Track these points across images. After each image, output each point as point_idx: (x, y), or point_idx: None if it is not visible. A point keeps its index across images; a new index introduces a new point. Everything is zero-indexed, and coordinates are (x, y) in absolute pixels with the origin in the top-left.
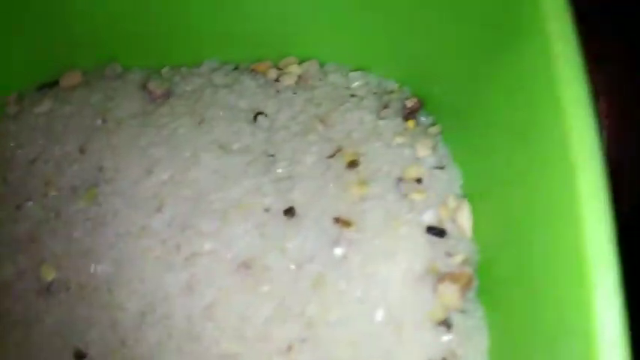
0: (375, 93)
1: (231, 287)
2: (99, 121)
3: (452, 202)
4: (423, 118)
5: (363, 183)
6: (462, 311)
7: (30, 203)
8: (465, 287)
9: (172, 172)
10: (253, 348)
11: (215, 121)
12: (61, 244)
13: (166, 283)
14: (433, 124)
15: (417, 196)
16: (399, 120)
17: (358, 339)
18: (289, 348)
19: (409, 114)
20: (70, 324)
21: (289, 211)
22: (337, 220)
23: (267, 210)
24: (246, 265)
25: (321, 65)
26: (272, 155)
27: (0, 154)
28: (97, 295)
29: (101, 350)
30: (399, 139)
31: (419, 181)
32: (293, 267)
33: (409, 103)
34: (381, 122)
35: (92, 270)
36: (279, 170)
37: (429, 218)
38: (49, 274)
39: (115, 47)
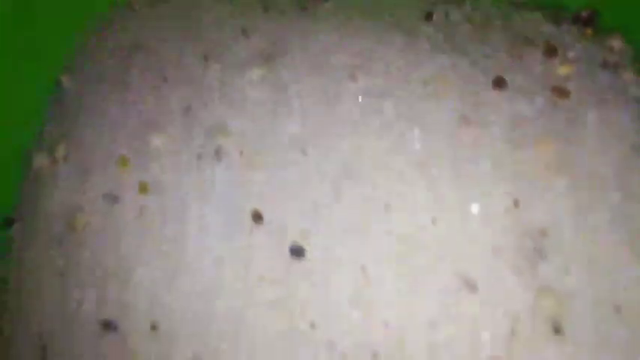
0: None
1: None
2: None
3: None
4: None
5: None
6: None
7: (183, 75)
8: None
9: (358, 48)
10: None
11: (381, 14)
12: (229, 113)
13: (368, 143)
14: None
15: None
16: None
17: None
18: None
19: None
20: (243, 189)
21: (498, 82)
22: None
23: (472, 81)
24: (464, 121)
25: None
26: None
27: (141, 32)
28: (282, 156)
29: (280, 214)
30: None
31: None
32: None
33: (583, 14)
34: None
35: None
36: None
37: None
38: (215, 141)
39: None
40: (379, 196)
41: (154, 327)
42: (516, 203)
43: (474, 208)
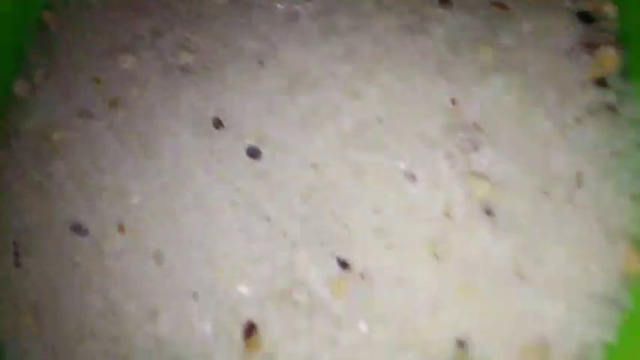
0: None
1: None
2: None
3: None
4: None
5: None
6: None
7: (154, 5)
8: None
9: None
10: None
11: None
12: (195, 34)
13: (322, 53)
14: None
15: None
16: None
17: None
18: None
19: None
20: (205, 100)
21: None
22: None
23: None
24: (410, 31)
25: None
26: None
27: None
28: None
29: (239, 119)
30: None
31: None
32: None
33: None
34: None
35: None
36: None
37: None
38: (181, 58)
39: None
40: (330, 101)
41: (120, 228)
42: (454, 101)
43: (417, 108)
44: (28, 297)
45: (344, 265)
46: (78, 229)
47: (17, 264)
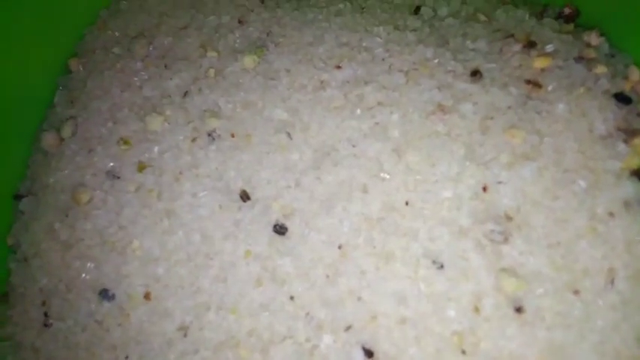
0: None
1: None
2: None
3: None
4: None
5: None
6: None
7: (182, 62)
8: None
9: (346, 39)
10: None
11: (372, 8)
12: (223, 98)
13: (349, 128)
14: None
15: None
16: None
17: None
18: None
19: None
20: (232, 169)
21: (475, 73)
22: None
23: (451, 72)
24: (440, 109)
25: None
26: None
27: (145, 20)
28: (269, 140)
29: (266, 193)
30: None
31: None
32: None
33: (566, 11)
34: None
35: (265, 115)
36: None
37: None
38: (209, 124)
39: None
40: (357, 180)
41: (147, 296)
42: (485, 188)
43: (446, 193)
44: (57, 358)
45: (369, 353)
46: (105, 294)
47: (47, 324)
